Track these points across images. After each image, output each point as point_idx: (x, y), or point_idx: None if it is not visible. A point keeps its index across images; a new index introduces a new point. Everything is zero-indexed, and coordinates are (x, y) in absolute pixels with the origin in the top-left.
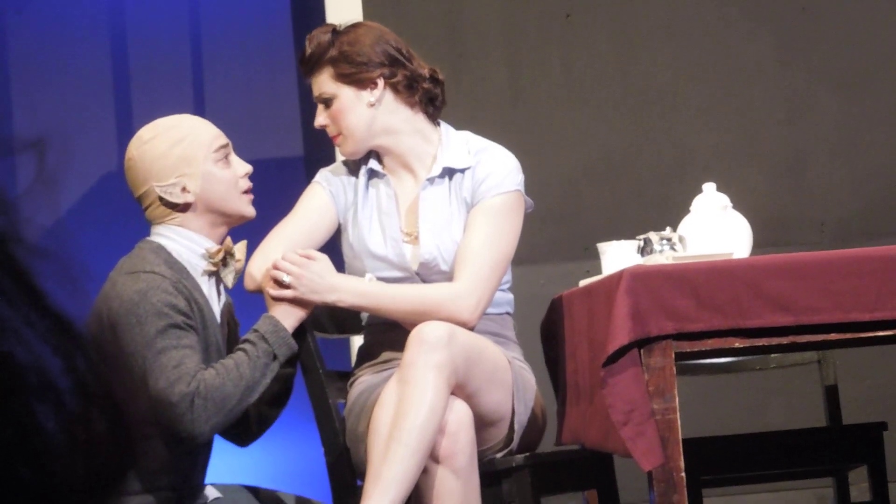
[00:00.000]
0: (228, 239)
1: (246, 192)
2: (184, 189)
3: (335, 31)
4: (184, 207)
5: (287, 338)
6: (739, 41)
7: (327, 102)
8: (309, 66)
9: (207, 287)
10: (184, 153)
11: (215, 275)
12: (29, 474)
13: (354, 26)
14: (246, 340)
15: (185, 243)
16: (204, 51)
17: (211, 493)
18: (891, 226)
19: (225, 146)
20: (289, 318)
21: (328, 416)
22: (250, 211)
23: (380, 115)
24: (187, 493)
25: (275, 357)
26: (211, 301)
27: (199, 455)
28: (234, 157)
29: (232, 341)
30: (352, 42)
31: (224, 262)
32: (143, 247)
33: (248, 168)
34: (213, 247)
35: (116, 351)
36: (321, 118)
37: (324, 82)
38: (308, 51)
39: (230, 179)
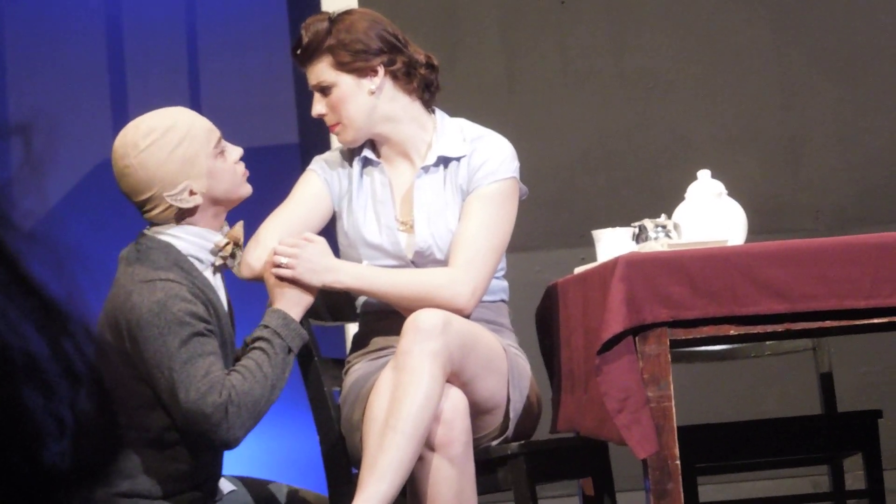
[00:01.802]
0: (232, 229)
1: (243, 173)
2: (191, 192)
3: (330, 18)
4: (192, 210)
5: (298, 329)
6: (735, 27)
7: (325, 91)
8: (307, 54)
9: (214, 281)
10: (185, 155)
11: (222, 267)
12: (18, 458)
13: (348, 13)
14: (260, 338)
15: (194, 240)
16: (199, 38)
17: (226, 485)
18: (887, 213)
19: (220, 138)
20: (294, 308)
21: (323, 404)
22: (248, 190)
23: (380, 103)
24: (210, 490)
25: (290, 350)
26: (220, 294)
27: (220, 452)
28: (226, 145)
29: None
30: (348, 29)
31: (232, 255)
32: (150, 245)
33: (240, 151)
34: (221, 240)
35: (139, 362)
36: (319, 107)
37: (322, 71)
38: (305, 39)
39: (231, 170)
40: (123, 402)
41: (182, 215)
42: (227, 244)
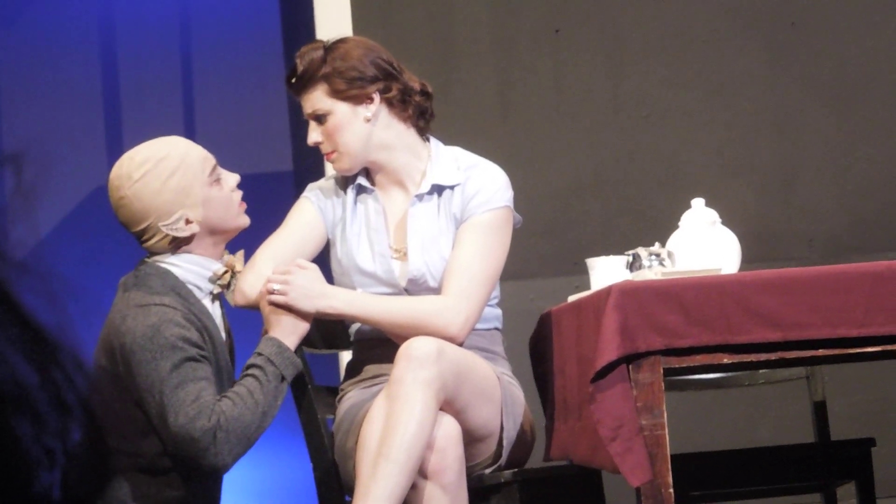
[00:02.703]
0: (231, 257)
1: (240, 203)
2: (187, 221)
3: (325, 46)
4: (189, 238)
5: (292, 357)
6: (729, 56)
7: (321, 119)
8: (301, 83)
9: (212, 309)
10: (180, 185)
11: (220, 295)
12: (8, 489)
13: (343, 41)
14: (253, 365)
15: (193, 268)
16: (194, 65)
17: None
18: (880, 241)
19: (215, 166)
20: (289, 336)
21: (317, 432)
22: (246, 221)
23: (376, 131)
24: None
25: (283, 378)
26: (217, 322)
27: (219, 481)
28: (222, 172)
29: (229, 350)
30: (343, 57)
31: (228, 284)
32: (149, 272)
33: (237, 178)
34: (220, 269)
35: (132, 386)
36: (315, 135)
37: (318, 99)
38: (300, 68)
39: (227, 198)
40: (116, 427)
41: (179, 244)
42: (226, 272)
